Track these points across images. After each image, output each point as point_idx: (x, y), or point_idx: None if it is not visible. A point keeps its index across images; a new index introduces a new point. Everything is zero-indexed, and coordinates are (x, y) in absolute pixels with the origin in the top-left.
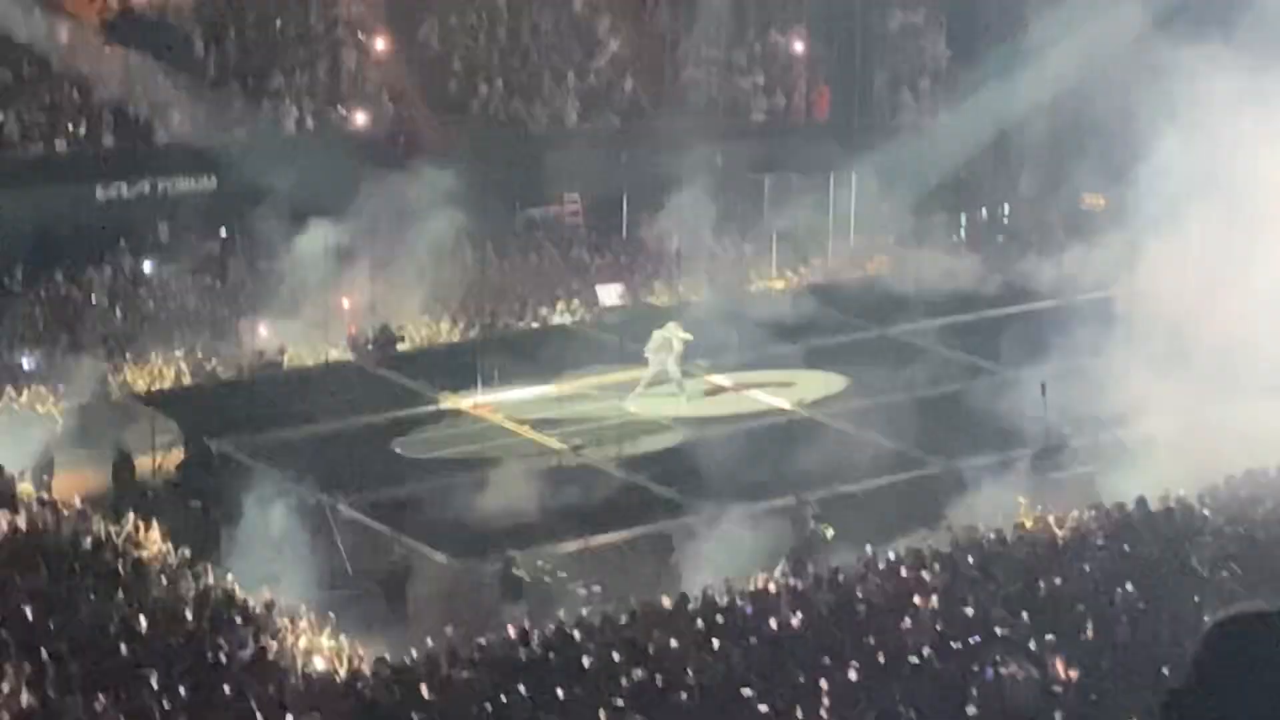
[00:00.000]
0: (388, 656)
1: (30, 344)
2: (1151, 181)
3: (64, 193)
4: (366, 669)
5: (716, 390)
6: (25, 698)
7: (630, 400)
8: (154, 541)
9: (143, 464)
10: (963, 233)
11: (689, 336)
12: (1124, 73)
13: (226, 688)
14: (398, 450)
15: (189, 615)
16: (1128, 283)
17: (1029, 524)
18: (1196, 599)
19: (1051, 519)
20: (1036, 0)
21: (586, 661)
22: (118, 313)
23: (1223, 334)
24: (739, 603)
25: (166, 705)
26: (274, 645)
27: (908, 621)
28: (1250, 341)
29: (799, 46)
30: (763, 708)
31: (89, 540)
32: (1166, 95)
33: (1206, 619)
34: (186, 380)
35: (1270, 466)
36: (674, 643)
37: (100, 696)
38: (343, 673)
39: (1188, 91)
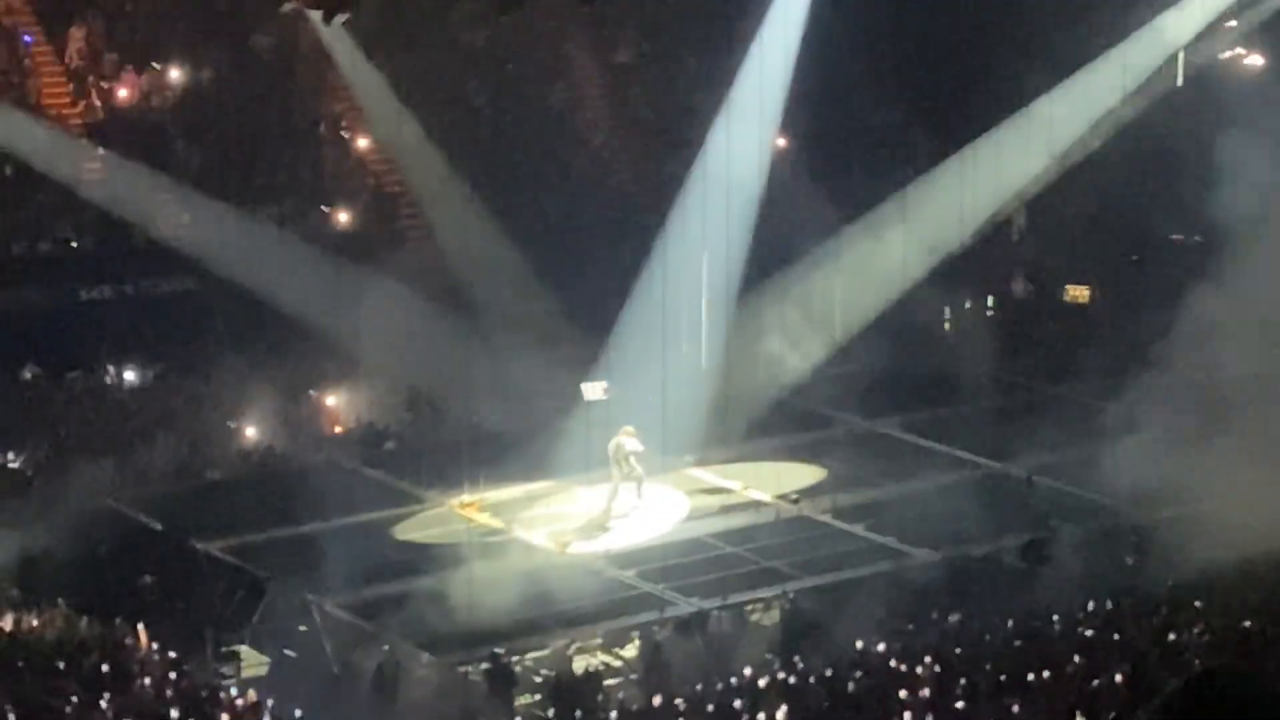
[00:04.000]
0: None
1: (13, 445)
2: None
3: (47, 294)
4: None
5: (699, 484)
6: None
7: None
8: (140, 643)
9: (127, 566)
10: (946, 325)
11: (639, 448)
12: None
13: None
14: (385, 549)
15: (174, 717)
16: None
17: (1017, 615)
18: None
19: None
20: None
21: None
22: (101, 414)
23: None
24: (729, 699)
25: None
26: None
27: (899, 715)
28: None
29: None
30: None
31: (74, 642)
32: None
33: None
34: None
35: (1258, 557)
36: None
37: None
38: None
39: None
